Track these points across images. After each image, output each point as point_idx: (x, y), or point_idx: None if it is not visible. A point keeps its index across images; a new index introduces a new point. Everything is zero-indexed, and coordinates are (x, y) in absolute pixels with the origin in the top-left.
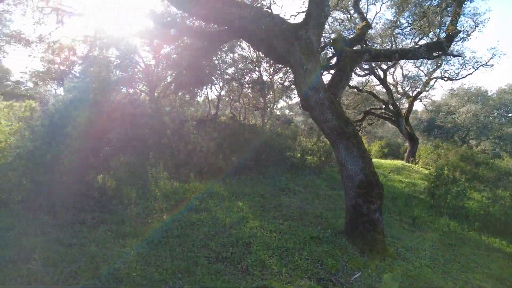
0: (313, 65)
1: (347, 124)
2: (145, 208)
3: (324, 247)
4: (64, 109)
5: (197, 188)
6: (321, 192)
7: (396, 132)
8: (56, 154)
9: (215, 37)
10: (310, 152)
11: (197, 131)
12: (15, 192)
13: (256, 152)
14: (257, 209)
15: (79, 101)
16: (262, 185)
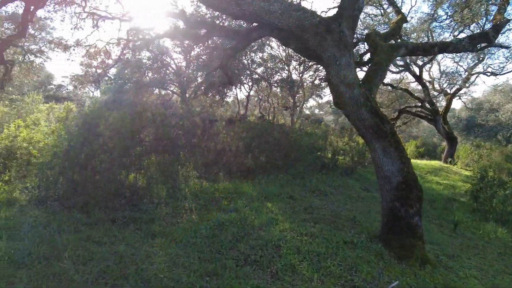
0: (346, 60)
1: (384, 122)
2: (175, 208)
3: (358, 252)
4: (97, 110)
5: (226, 187)
6: (354, 194)
7: (432, 131)
8: (89, 153)
9: (244, 36)
10: (341, 152)
11: (226, 131)
12: (53, 190)
13: (285, 151)
14: (286, 211)
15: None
16: (291, 185)
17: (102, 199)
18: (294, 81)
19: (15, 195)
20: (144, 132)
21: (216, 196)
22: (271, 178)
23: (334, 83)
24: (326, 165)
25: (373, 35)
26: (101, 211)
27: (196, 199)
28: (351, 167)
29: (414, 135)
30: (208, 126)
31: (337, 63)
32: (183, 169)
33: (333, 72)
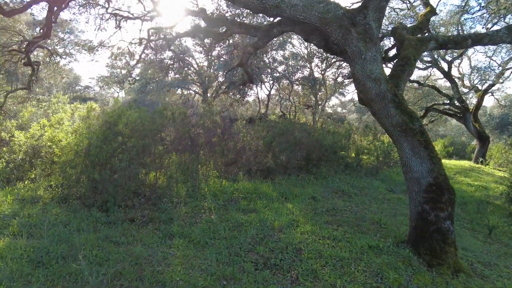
0: (372, 54)
1: (413, 119)
2: (194, 207)
3: (384, 258)
4: (118, 109)
5: (246, 187)
6: (379, 196)
7: (460, 130)
8: (110, 152)
9: (264, 32)
10: (366, 152)
11: (246, 129)
12: (75, 189)
13: (307, 151)
14: (308, 212)
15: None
16: (313, 186)
17: (121, 198)
18: (316, 78)
19: (40, 193)
20: (165, 131)
21: (236, 196)
22: (292, 178)
23: (359, 79)
24: (350, 165)
25: (400, 29)
26: (121, 210)
27: (215, 199)
28: (376, 167)
29: (441, 134)
30: (228, 125)
31: (362, 57)
32: (203, 168)
33: (358, 67)
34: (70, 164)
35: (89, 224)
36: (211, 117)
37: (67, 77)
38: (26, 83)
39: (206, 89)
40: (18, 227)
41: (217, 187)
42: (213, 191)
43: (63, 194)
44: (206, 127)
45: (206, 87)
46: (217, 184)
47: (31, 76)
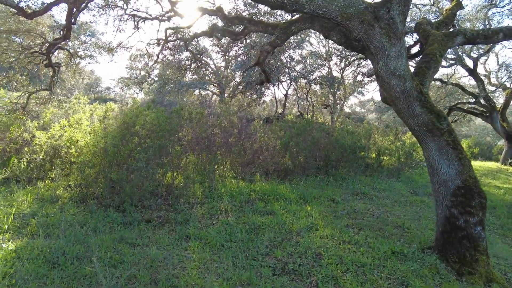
0: (397, 50)
1: (440, 118)
2: (211, 208)
3: (409, 264)
4: (135, 109)
5: (263, 188)
6: (401, 198)
7: (485, 130)
8: (127, 152)
9: (282, 30)
10: (387, 152)
11: (263, 129)
12: (92, 189)
13: (325, 151)
14: (327, 215)
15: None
16: (332, 187)
17: (138, 198)
18: (335, 77)
19: (59, 193)
20: (183, 131)
21: (252, 198)
22: (310, 180)
23: (382, 76)
24: (370, 166)
25: (424, 24)
26: (137, 211)
27: (232, 200)
28: (397, 168)
29: (464, 134)
30: (245, 125)
31: (386, 53)
32: (219, 169)
33: (381, 63)
34: (87, 164)
35: (106, 225)
36: (228, 117)
37: (88, 78)
38: (48, 84)
39: (223, 90)
40: (36, 226)
41: (234, 188)
42: (229, 192)
43: (81, 194)
44: (223, 127)
45: (223, 88)
46: (234, 185)
47: (52, 77)
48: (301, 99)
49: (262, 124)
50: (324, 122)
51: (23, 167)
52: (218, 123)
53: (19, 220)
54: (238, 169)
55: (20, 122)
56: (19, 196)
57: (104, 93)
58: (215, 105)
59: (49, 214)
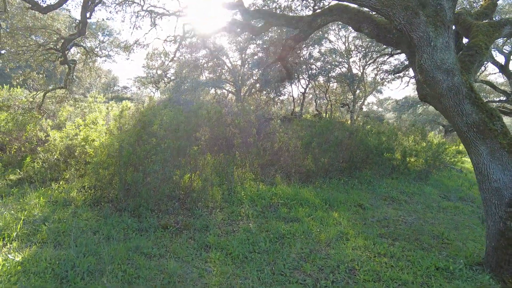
0: (444, 40)
1: (493, 118)
2: (231, 213)
3: (457, 284)
4: (152, 108)
5: (285, 192)
6: (433, 204)
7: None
8: (143, 153)
9: (307, 23)
10: (414, 153)
11: (283, 129)
12: (107, 191)
13: (349, 152)
14: (357, 223)
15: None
16: (358, 191)
17: (155, 202)
18: (355, 75)
19: (72, 195)
20: (200, 130)
21: (275, 202)
22: (333, 182)
23: (427, 70)
24: (396, 168)
25: (463, 14)
26: (153, 215)
27: (253, 205)
28: (425, 170)
29: None
30: (263, 125)
31: (431, 44)
32: (238, 170)
33: (425, 56)
34: (102, 165)
35: (120, 231)
36: (246, 116)
37: (105, 77)
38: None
39: (239, 88)
40: (46, 233)
41: (254, 191)
42: (249, 195)
43: (96, 197)
44: (241, 127)
45: (240, 86)
46: (254, 188)
47: (67, 75)
48: (318, 98)
49: (281, 123)
50: (345, 121)
51: (37, 168)
52: (237, 123)
53: (29, 226)
54: (257, 171)
55: (36, 121)
56: (31, 199)
57: (121, 92)
58: (232, 104)
59: (61, 220)
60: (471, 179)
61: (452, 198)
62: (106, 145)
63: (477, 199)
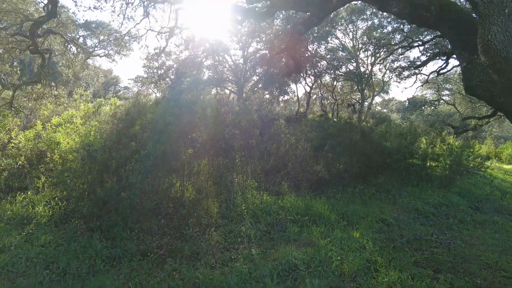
0: None
1: None
2: (228, 233)
3: None
4: (138, 105)
5: (294, 205)
6: (466, 217)
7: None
8: (121, 160)
9: (320, 5)
10: (436, 158)
11: (289, 130)
12: (82, 203)
13: (365, 157)
14: (384, 246)
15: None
16: (378, 202)
17: (135, 219)
18: (363, 73)
19: (38, 209)
20: (196, 131)
21: (282, 218)
22: (348, 191)
23: (497, 48)
24: (416, 174)
25: None
26: (133, 236)
27: (256, 221)
28: (448, 177)
29: (493, 135)
30: (267, 125)
31: (506, 12)
32: (238, 177)
33: (496, 28)
34: (73, 174)
35: (83, 262)
36: (248, 116)
37: (105, 77)
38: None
39: (241, 88)
40: None
41: (257, 204)
42: (252, 209)
43: (67, 211)
44: (243, 127)
45: (242, 85)
46: (257, 199)
47: (42, 67)
48: (324, 97)
49: (286, 124)
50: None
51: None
52: (237, 122)
53: None
54: (261, 178)
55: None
56: None
57: (123, 92)
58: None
59: (9, 247)
60: (499, 186)
61: (486, 210)
62: (75, 149)
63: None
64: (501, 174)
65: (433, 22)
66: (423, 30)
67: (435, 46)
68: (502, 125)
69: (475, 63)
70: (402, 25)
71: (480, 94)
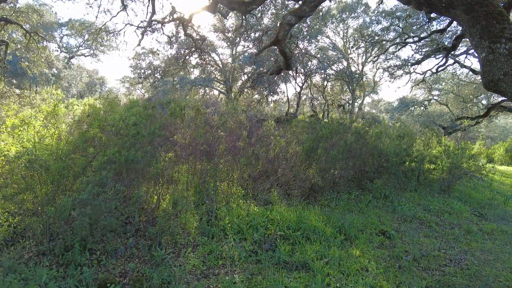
0: None
1: None
2: (208, 254)
3: None
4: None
5: (284, 217)
6: (472, 226)
7: (504, 131)
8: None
9: None
10: (434, 160)
11: (279, 132)
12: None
13: (360, 160)
14: (389, 265)
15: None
16: (375, 210)
17: (98, 239)
18: (354, 72)
19: None
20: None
21: (271, 234)
22: (343, 198)
23: None
24: (413, 178)
25: None
26: (93, 261)
27: (241, 238)
28: (447, 181)
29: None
30: (255, 126)
31: None
32: (223, 184)
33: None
34: (19, 187)
35: None
36: (235, 116)
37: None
38: None
39: (230, 88)
40: None
41: (243, 216)
42: (236, 223)
43: (19, 229)
44: (229, 128)
45: (230, 85)
46: (243, 210)
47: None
48: (314, 98)
49: (276, 125)
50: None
51: None
52: (222, 123)
53: None
54: (248, 184)
55: None
56: None
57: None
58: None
59: None
60: (499, 189)
61: (490, 217)
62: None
63: None
64: (497, 176)
65: (444, 7)
66: (418, 26)
67: (431, 43)
68: (490, 125)
69: (497, 53)
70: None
71: (504, 90)
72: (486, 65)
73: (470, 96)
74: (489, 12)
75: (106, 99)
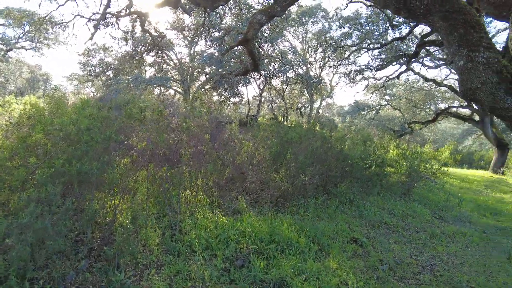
0: None
1: None
2: (174, 276)
3: None
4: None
5: (256, 228)
6: (435, 229)
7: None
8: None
9: None
10: (394, 164)
11: (244, 135)
12: None
13: (327, 165)
14: (367, 277)
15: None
16: (343, 216)
17: (42, 262)
18: (312, 77)
19: None
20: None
21: (243, 248)
22: (310, 204)
23: None
24: (375, 182)
25: None
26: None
27: (210, 255)
28: (407, 184)
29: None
30: (219, 130)
31: None
32: (186, 192)
33: None
34: None
35: None
36: (197, 120)
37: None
38: None
39: (187, 88)
40: None
41: (211, 229)
42: (204, 237)
43: None
44: (192, 132)
45: (188, 86)
46: (210, 222)
47: None
48: (273, 101)
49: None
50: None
51: None
52: (185, 127)
53: None
54: (213, 192)
55: None
56: None
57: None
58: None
59: None
60: (451, 191)
61: (449, 220)
62: None
63: (473, 218)
64: (447, 177)
65: (422, 14)
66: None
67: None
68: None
69: (476, 62)
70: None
71: (481, 98)
72: (464, 73)
73: (420, 102)
74: (467, 21)
75: (51, 98)
